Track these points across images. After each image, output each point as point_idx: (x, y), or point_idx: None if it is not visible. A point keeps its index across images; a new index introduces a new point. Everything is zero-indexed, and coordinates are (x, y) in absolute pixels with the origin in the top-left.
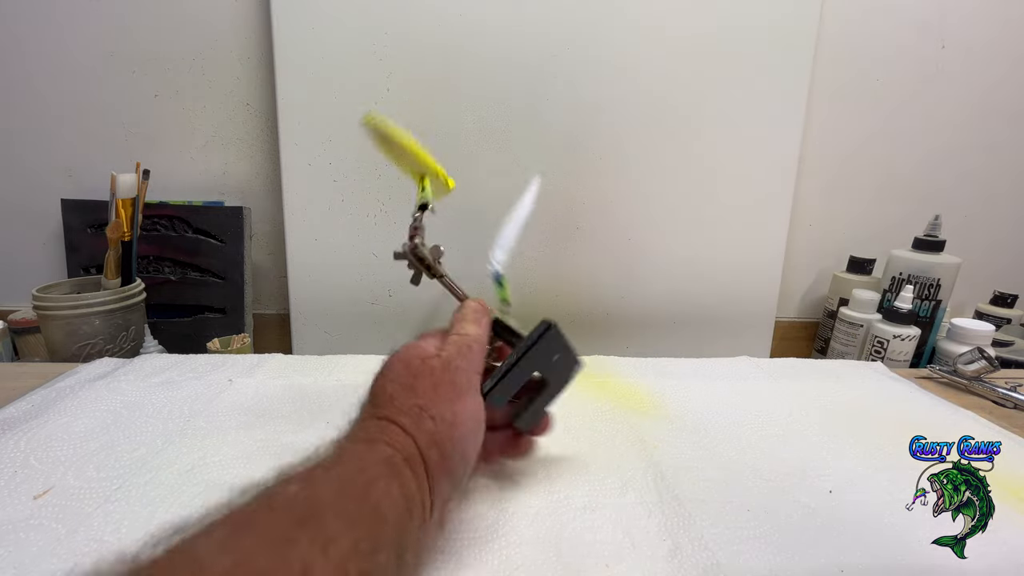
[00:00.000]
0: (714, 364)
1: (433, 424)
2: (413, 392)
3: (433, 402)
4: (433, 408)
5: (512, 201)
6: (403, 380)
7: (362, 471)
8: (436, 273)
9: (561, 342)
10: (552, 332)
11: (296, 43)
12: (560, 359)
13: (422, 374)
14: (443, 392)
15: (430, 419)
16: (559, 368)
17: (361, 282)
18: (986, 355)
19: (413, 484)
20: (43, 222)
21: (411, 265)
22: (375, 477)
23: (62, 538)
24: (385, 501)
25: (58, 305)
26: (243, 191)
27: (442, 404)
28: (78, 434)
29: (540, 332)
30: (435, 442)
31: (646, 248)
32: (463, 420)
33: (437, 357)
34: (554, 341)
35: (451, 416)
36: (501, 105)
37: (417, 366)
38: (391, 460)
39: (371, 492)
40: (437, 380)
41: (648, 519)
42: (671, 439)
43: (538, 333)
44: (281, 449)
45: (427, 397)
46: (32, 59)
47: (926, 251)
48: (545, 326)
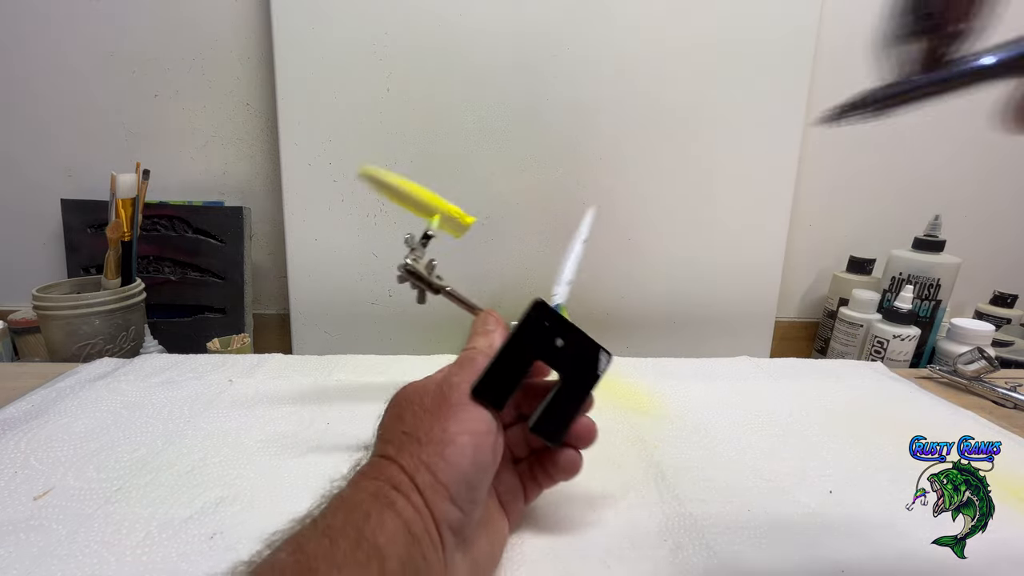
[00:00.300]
0: (714, 364)
1: (419, 446)
2: (400, 421)
3: (420, 424)
4: (419, 431)
5: (511, 201)
6: (393, 413)
7: (351, 511)
8: (436, 288)
9: (559, 323)
10: (540, 308)
11: (296, 43)
12: (568, 347)
13: (412, 402)
14: (432, 412)
15: (415, 442)
16: (570, 359)
17: (361, 282)
18: (986, 355)
19: (409, 510)
20: (43, 222)
21: (412, 284)
22: (365, 514)
23: (62, 539)
24: (381, 536)
25: (58, 305)
26: (243, 191)
27: (430, 423)
28: (78, 434)
29: (526, 311)
30: (423, 463)
31: (646, 248)
32: (455, 435)
33: (433, 381)
34: (547, 320)
35: (441, 433)
36: (501, 105)
37: (409, 396)
38: (379, 492)
39: (364, 531)
40: (428, 403)
41: (648, 519)
42: (671, 439)
43: (525, 313)
44: (281, 450)
45: (414, 421)
46: (32, 59)
47: (926, 251)
48: (532, 303)
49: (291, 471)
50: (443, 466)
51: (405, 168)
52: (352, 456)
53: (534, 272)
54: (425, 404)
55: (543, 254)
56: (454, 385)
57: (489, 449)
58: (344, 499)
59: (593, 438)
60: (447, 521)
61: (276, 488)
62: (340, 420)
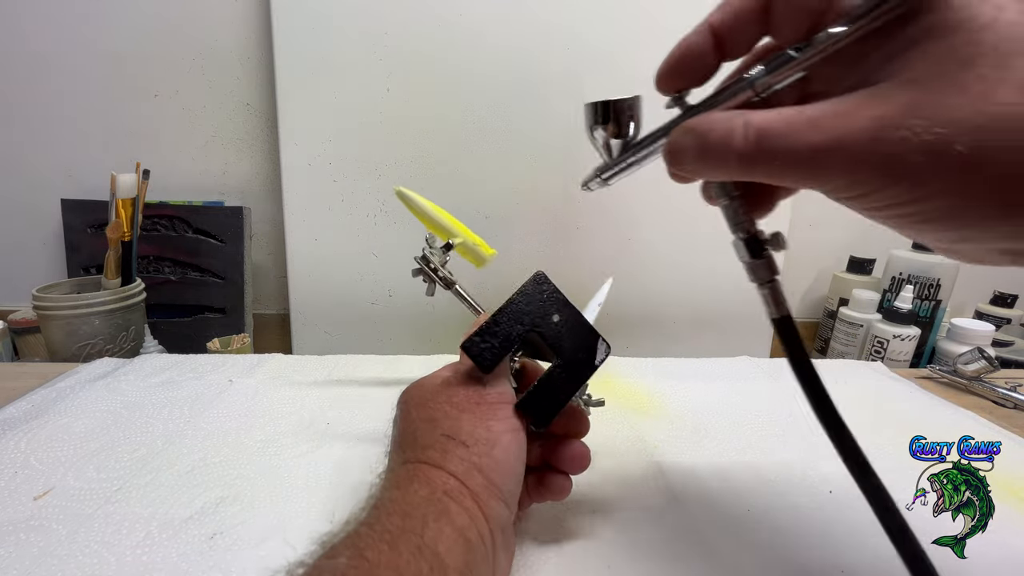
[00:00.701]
0: (714, 364)
1: (465, 449)
2: (435, 424)
3: (460, 426)
4: (461, 433)
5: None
6: (422, 415)
7: (406, 516)
8: (448, 283)
9: (557, 297)
10: (541, 278)
11: (296, 43)
12: (564, 327)
13: (441, 402)
14: (471, 411)
15: (461, 445)
16: (567, 339)
17: (361, 282)
18: (986, 355)
19: (463, 516)
20: (43, 222)
21: (425, 277)
22: (422, 520)
23: (62, 539)
24: (440, 544)
25: (58, 305)
26: (243, 191)
27: (472, 424)
28: (78, 434)
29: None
30: (475, 467)
31: (646, 248)
32: (500, 433)
33: (453, 378)
34: (545, 292)
35: (485, 433)
36: (501, 105)
37: (434, 395)
38: (431, 497)
39: (424, 537)
40: (460, 402)
41: (648, 519)
42: (671, 439)
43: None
44: (281, 450)
45: (452, 424)
46: (32, 59)
47: (926, 251)
48: (535, 273)
49: (291, 471)
50: (493, 466)
51: (405, 167)
52: (352, 456)
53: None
54: (458, 403)
55: (543, 254)
56: (486, 381)
57: (525, 444)
58: (397, 503)
59: (585, 465)
60: (498, 520)
61: (276, 488)
62: (340, 420)
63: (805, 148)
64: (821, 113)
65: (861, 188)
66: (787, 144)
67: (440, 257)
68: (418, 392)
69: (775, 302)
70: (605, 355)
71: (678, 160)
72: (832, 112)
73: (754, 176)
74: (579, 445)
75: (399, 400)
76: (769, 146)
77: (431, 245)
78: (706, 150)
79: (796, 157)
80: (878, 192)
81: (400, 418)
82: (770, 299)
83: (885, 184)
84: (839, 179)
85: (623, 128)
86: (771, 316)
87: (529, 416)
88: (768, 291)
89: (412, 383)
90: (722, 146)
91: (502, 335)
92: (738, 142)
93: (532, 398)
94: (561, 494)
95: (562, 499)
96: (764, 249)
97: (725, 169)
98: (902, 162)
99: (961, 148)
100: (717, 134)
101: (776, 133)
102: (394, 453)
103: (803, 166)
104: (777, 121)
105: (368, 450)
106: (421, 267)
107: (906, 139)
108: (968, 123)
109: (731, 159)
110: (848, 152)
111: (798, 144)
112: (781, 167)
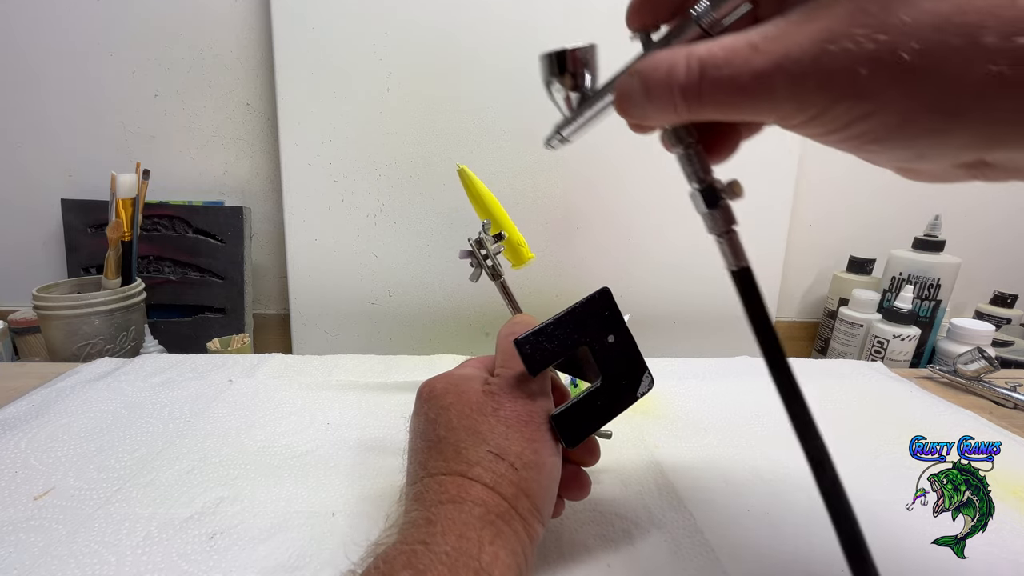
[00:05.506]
0: (714, 364)
1: (514, 472)
2: (479, 436)
3: (509, 444)
4: (509, 453)
5: (511, 201)
6: (466, 424)
7: (461, 537)
8: (496, 274)
9: (617, 318)
10: (606, 295)
11: (296, 43)
12: (616, 350)
13: (486, 413)
14: (518, 430)
15: (510, 468)
16: (614, 364)
17: (361, 282)
18: (986, 355)
19: (515, 541)
20: (43, 222)
21: (473, 261)
22: (478, 542)
23: (62, 539)
24: (496, 569)
25: (58, 305)
26: (243, 191)
27: (520, 445)
28: (78, 434)
29: (593, 293)
30: (523, 491)
31: (646, 248)
32: (546, 458)
33: (497, 386)
34: (607, 310)
35: (533, 456)
36: (501, 105)
37: (479, 405)
38: (486, 520)
39: (482, 561)
40: (508, 416)
41: (649, 519)
42: (671, 439)
43: (591, 294)
44: (281, 449)
45: (501, 441)
46: (32, 59)
47: (926, 251)
48: (601, 288)
49: (291, 471)
50: (539, 492)
51: (405, 167)
52: (352, 456)
53: (533, 272)
54: (505, 418)
55: (542, 254)
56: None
57: (560, 463)
58: (453, 521)
59: (585, 495)
60: (537, 540)
61: (276, 488)
62: (340, 420)
63: (749, 74)
64: (762, 36)
65: (809, 110)
66: (731, 73)
67: (494, 245)
68: (456, 396)
69: (733, 253)
70: (648, 388)
71: (626, 105)
72: (773, 33)
73: (704, 113)
74: (583, 474)
75: (425, 395)
76: (713, 77)
77: (486, 232)
78: (650, 90)
79: (740, 85)
80: (826, 112)
81: (434, 420)
82: (728, 250)
83: (833, 101)
84: (786, 104)
85: (579, 79)
86: (729, 268)
87: (560, 432)
88: (726, 242)
89: (440, 378)
90: (665, 84)
91: (558, 340)
92: (681, 77)
93: (568, 415)
94: (555, 514)
95: (554, 518)
96: (720, 198)
97: (672, 108)
98: (847, 76)
99: (905, 54)
100: (660, 72)
101: (718, 62)
102: (428, 457)
103: (749, 94)
104: (718, 50)
105: (368, 450)
106: (472, 250)
107: (848, 51)
108: (910, 27)
109: (676, 96)
110: (791, 73)
111: (742, 71)
112: (727, 98)
